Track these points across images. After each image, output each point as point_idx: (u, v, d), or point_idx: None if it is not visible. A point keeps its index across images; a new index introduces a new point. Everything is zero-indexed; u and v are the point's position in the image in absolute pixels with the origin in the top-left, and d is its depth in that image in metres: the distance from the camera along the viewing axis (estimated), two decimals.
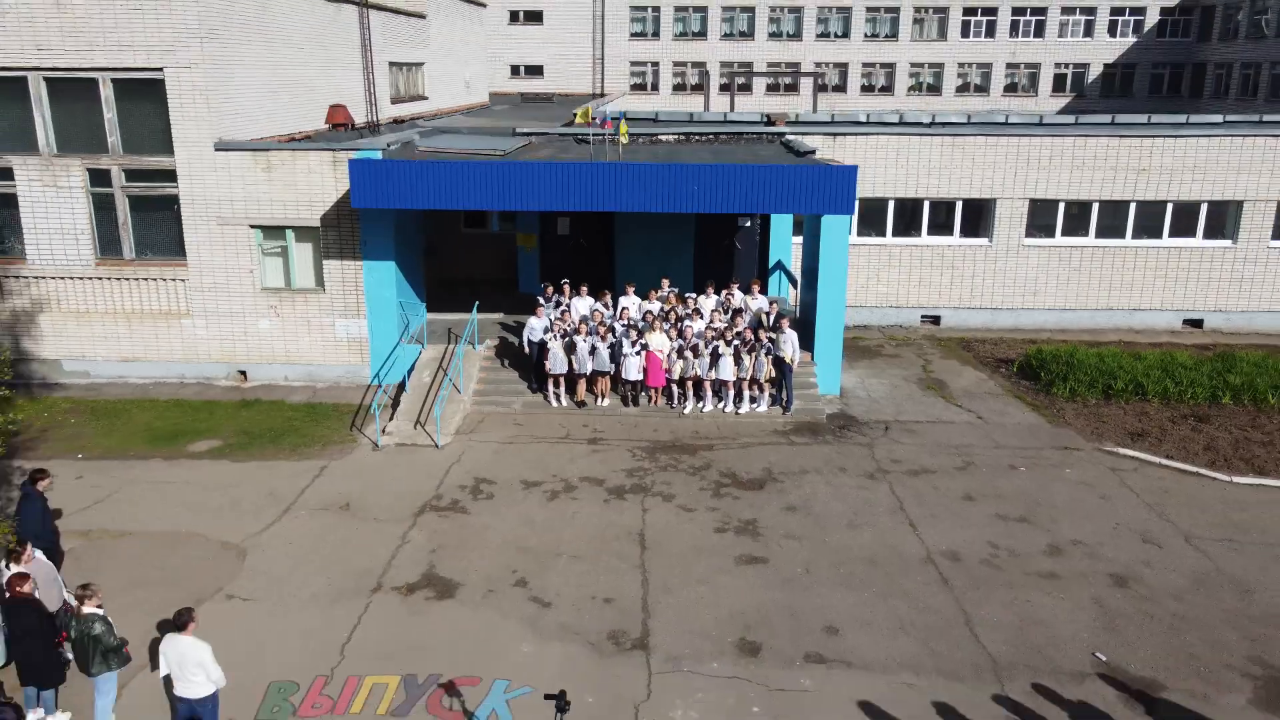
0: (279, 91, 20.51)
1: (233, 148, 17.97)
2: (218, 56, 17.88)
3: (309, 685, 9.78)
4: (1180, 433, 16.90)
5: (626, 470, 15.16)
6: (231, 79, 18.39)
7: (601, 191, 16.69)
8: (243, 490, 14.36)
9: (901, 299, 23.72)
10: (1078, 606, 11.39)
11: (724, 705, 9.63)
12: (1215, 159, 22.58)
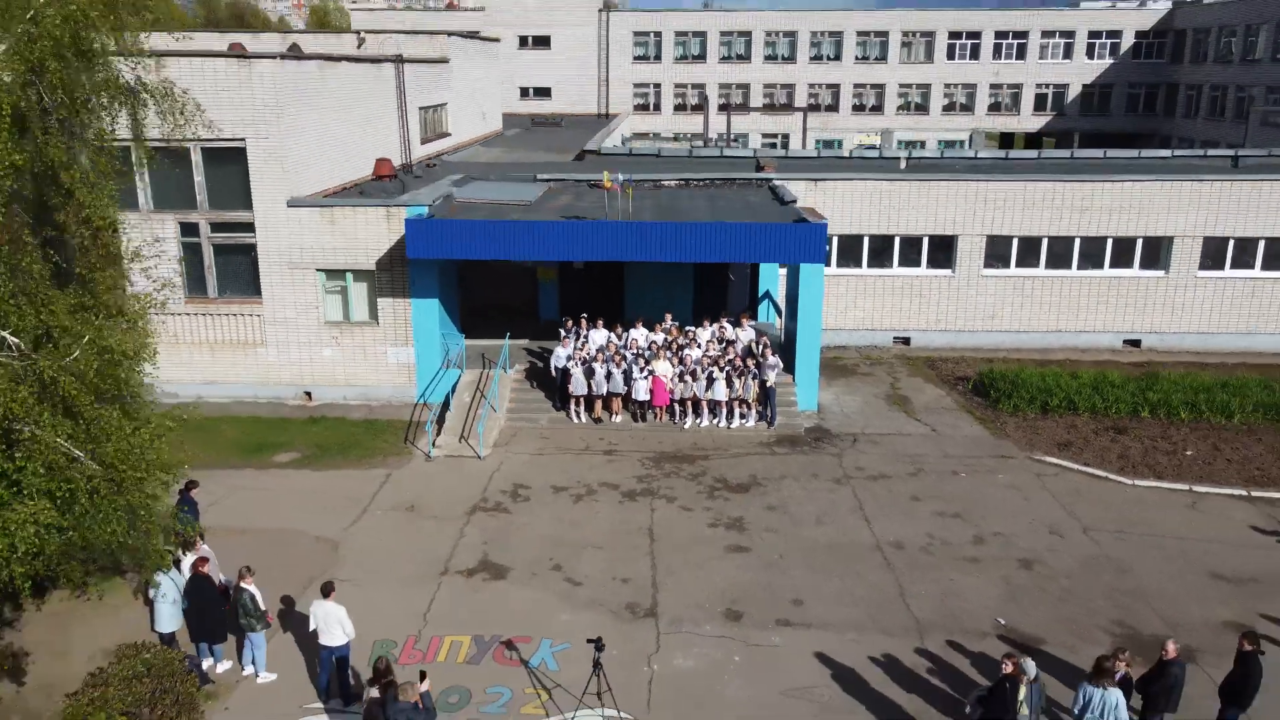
0: (333, 147, 23.81)
1: (303, 204, 21.28)
2: (288, 127, 21.17)
3: (403, 642, 13.07)
4: (1101, 443, 20.18)
5: (637, 477, 18.46)
6: (298, 143, 21.69)
7: (613, 245, 19.98)
8: (325, 494, 17.67)
9: (876, 322, 26.98)
10: (989, 583, 14.68)
11: (714, 657, 12.92)
12: (1149, 200, 25.80)
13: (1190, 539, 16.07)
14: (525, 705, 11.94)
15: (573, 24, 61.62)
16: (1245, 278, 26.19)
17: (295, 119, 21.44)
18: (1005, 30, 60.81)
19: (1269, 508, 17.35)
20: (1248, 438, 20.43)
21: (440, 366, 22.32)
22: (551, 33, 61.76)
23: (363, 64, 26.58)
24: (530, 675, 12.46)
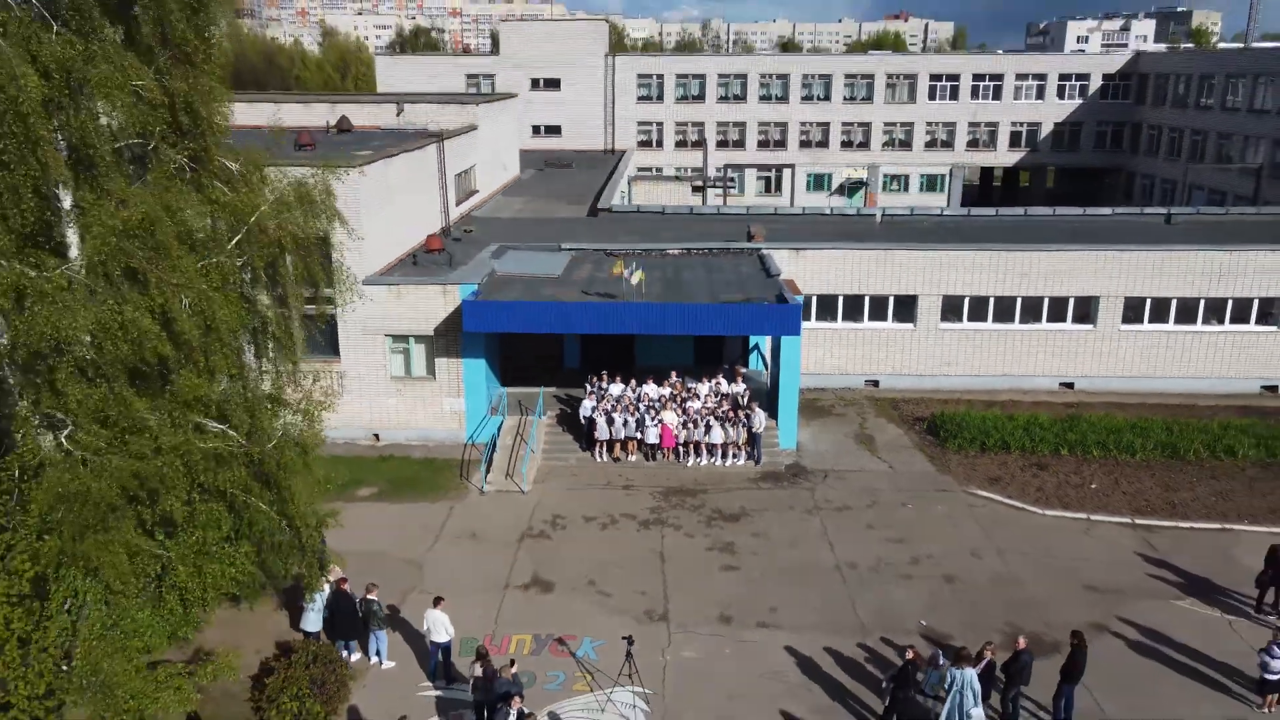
0: (395, 224, 28.56)
1: (375, 283, 26.03)
2: (366, 221, 25.91)
3: (482, 639, 17.79)
4: (1024, 478, 24.95)
5: (650, 508, 23.22)
6: (371, 229, 26.42)
7: (628, 322, 24.75)
8: (404, 524, 22.41)
9: (849, 368, 31.73)
10: (918, 594, 19.44)
11: (710, 649, 17.66)
12: (1079, 267, 30.54)
13: (1077, 559, 20.84)
14: (575, 684, 16.71)
15: (581, 67, 66.32)
16: (1161, 331, 30.94)
17: (370, 214, 26.17)
18: (982, 73, 65.65)
19: (1146, 532, 22.11)
20: (1144, 473, 25.19)
21: (486, 413, 27.10)
22: (561, 75, 66.43)
23: (414, 151, 31.31)
24: (578, 663, 17.23)
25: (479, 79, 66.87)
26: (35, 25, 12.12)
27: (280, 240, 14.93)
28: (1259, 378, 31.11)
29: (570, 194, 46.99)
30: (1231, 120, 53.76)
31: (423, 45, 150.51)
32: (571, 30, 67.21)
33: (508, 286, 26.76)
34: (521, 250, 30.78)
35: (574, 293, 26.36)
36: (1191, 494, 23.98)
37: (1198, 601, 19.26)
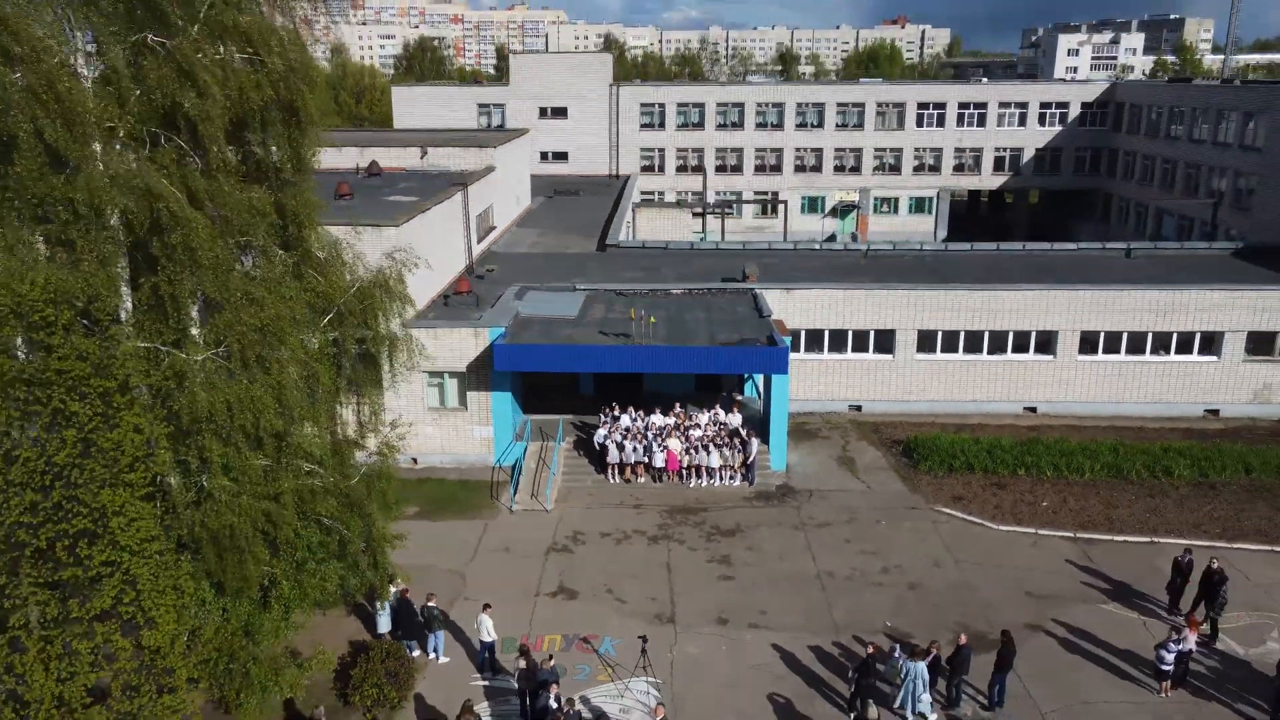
0: (429, 270, 32.10)
1: (415, 326, 29.56)
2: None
3: (520, 638, 21.36)
4: (984, 497, 28.52)
5: (657, 525, 26.81)
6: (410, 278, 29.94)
7: (638, 362, 28.37)
8: (446, 539, 25.97)
9: (835, 394, 35.30)
10: (886, 599, 23.01)
11: (710, 646, 21.23)
12: (1039, 304, 34.10)
13: (1023, 568, 24.42)
14: (599, 675, 20.29)
15: (587, 96, 69.86)
16: (1113, 361, 34.51)
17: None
18: (967, 102, 69.21)
19: (1086, 545, 25.69)
20: (1090, 491, 28.76)
21: (511, 439, 30.69)
22: (568, 104, 69.98)
23: (443, 203, 34.90)
24: (600, 658, 20.82)
25: (490, 108, 70.47)
26: (187, 160, 15.71)
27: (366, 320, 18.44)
28: (1202, 402, 34.68)
29: (579, 225, 50.53)
30: (1197, 151, 57.31)
31: (429, 60, 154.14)
32: (578, 62, 70.85)
33: (530, 328, 30.36)
34: (540, 291, 34.36)
35: (590, 333, 29.96)
36: (1129, 510, 27.56)
37: (1120, 605, 22.85)
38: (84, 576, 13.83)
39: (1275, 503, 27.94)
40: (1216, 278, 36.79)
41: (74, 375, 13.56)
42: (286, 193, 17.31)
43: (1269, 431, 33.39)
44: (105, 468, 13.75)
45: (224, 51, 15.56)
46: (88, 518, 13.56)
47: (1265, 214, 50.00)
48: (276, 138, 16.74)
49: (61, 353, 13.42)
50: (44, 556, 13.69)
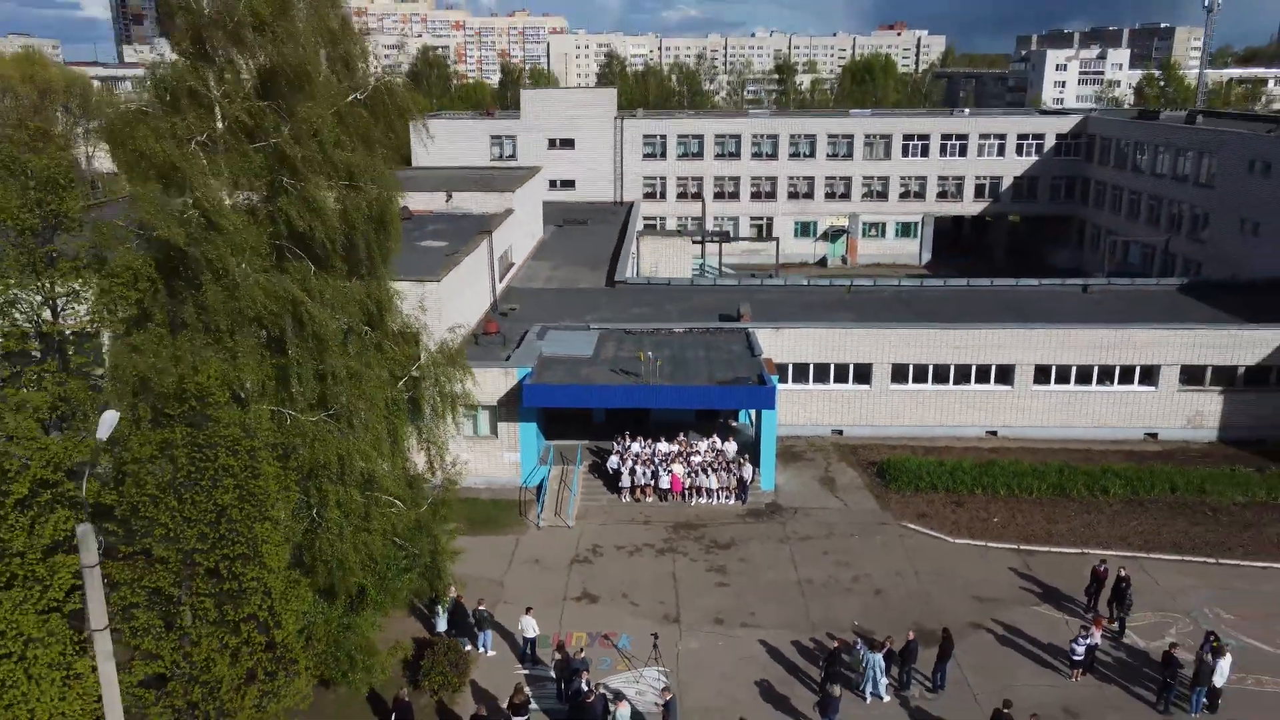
0: (460, 312, 36.74)
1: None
2: (445, 317, 34.08)
3: (552, 635, 25.96)
4: (944, 513, 33.14)
5: (663, 539, 31.45)
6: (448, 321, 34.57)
7: (645, 399, 33.05)
8: (484, 552, 30.58)
9: (819, 420, 39.91)
10: (855, 603, 27.65)
11: (708, 642, 25.87)
12: (999, 341, 38.72)
13: (971, 577, 29.05)
14: (618, 665, 24.93)
15: (593, 128, 74.60)
16: (1065, 390, 39.15)
17: (446, 310, 34.36)
18: (949, 133, 73.96)
19: (1027, 556, 30.32)
20: (1036, 508, 33.38)
21: (535, 463, 35.33)
22: (575, 135, 74.72)
23: (473, 252, 39.52)
24: (619, 652, 25.46)
25: (502, 139, 75.13)
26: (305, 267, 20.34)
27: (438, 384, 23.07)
28: (1142, 427, 39.35)
29: (589, 256, 55.13)
30: (1159, 184, 62.01)
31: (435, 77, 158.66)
32: (584, 98, 75.55)
33: (552, 368, 34.99)
34: (559, 331, 38.99)
35: (604, 372, 34.63)
36: (1067, 525, 32.21)
37: (1050, 607, 27.50)
38: (238, 589, 18.46)
39: (1193, 518, 32.60)
40: (1162, 313, 41.49)
41: (231, 438, 18.17)
42: (371, 284, 21.93)
43: (1200, 453, 38.06)
44: (255, 507, 18.36)
45: (333, 183, 20.18)
46: (245, 545, 18.16)
47: (1217, 246, 54.74)
48: (369, 243, 21.36)
49: (224, 422, 18.03)
50: (211, 574, 18.30)
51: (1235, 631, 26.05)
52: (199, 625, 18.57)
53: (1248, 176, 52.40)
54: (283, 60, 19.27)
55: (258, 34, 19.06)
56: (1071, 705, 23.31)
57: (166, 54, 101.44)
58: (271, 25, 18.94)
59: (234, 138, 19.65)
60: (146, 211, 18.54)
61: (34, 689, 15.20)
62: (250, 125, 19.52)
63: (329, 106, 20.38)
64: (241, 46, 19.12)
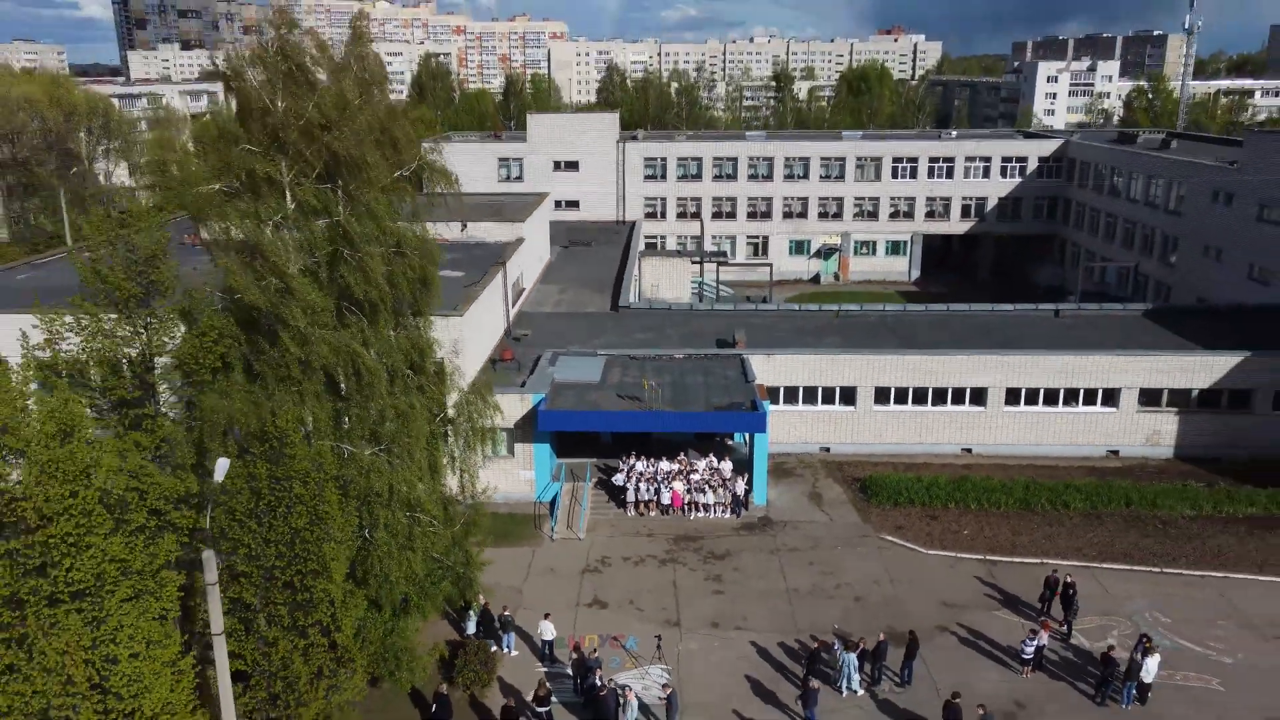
0: (480, 341, 40.18)
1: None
2: (467, 348, 37.49)
3: (568, 637, 29.41)
4: (920, 526, 36.61)
5: (665, 551, 34.91)
6: (469, 351, 38.02)
7: (646, 423, 36.51)
8: (505, 562, 33.99)
9: (808, 438, 43.37)
10: (836, 609, 31.13)
11: (705, 643, 29.33)
12: (973, 366, 42.19)
13: (940, 584, 32.51)
14: (626, 664, 28.40)
15: (597, 151, 78.00)
16: (1033, 411, 42.62)
17: (469, 341, 37.79)
18: (937, 156, 77.42)
19: (992, 566, 33.78)
20: (1002, 521, 36.85)
21: (548, 479, 38.79)
22: (580, 158, 78.13)
23: (490, 283, 42.97)
24: (626, 652, 28.92)
25: (510, 162, 78.54)
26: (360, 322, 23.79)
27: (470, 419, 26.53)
28: (1105, 445, 42.82)
29: (594, 279, 58.57)
30: (1133, 208, 65.49)
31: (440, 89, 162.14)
32: (588, 122, 78.99)
33: (564, 394, 38.46)
34: (569, 357, 42.46)
35: (610, 397, 38.10)
36: (1030, 537, 35.68)
37: (1009, 611, 30.97)
38: (309, 599, 21.91)
39: (1144, 530, 36.09)
40: (1127, 338, 44.98)
41: (303, 471, 21.62)
42: (415, 334, 25.39)
43: (1157, 469, 41.55)
44: (323, 530, 21.82)
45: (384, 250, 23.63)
46: (315, 562, 21.61)
47: (1184, 270, 58.25)
48: (414, 300, 24.80)
49: (298, 458, 21.48)
50: (287, 586, 21.76)
51: (1170, 634, 29.56)
52: (273, 630, 22.03)
53: (1212, 205, 55.86)
54: (344, 150, 22.71)
55: (324, 130, 22.50)
56: (1020, 699, 26.80)
57: (172, 60, 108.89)
58: (336, 123, 22.39)
59: (302, 215, 23.11)
60: (233, 280, 22.00)
61: (153, 682, 18.62)
62: (316, 205, 22.97)
63: (380, 185, 23.83)
64: (310, 141, 22.54)
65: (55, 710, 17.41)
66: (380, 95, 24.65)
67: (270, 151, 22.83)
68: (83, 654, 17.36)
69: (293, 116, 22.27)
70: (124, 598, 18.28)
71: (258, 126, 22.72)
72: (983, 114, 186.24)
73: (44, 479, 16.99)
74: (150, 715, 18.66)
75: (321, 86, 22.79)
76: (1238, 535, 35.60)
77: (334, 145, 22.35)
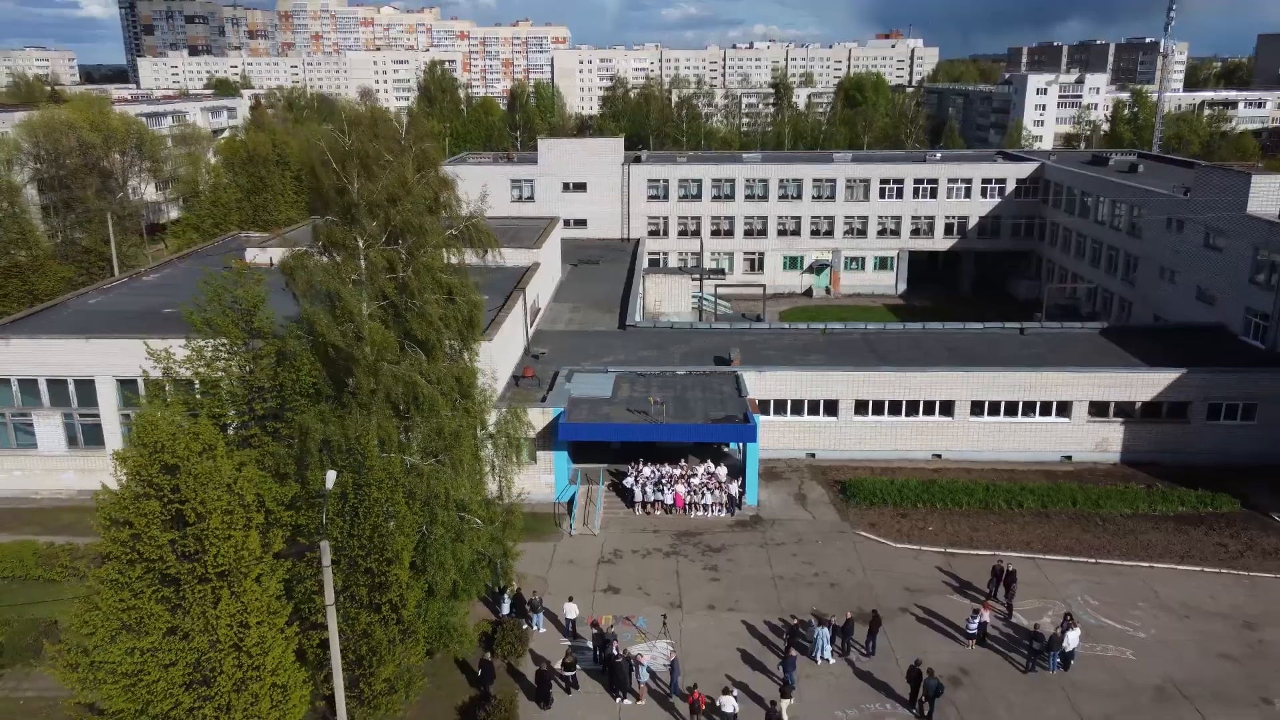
0: (505, 359, 45.54)
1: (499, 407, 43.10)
2: (499, 368, 42.85)
3: (587, 617, 34.77)
4: (891, 524, 41.98)
5: (669, 545, 40.31)
6: (500, 371, 43.37)
7: (652, 434, 41.93)
8: (533, 554, 39.28)
9: (796, 445, 48.75)
10: (814, 594, 36.50)
11: (703, 622, 34.71)
12: (942, 382, 47.54)
13: (905, 573, 37.89)
14: (637, 638, 33.81)
15: (604, 174, 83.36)
16: (996, 421, 47.97)
17: (499, 361, 43.16)
18: (921, 178, 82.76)
19: (950, 557, 39.15)
20: (963, 519, 42.23)
21: (566, 482, 44.20)
22: (588, 180, 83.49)
23: (513, 309, 48.36)
24: (637, 629, 34.33)
25: (522, 183, 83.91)
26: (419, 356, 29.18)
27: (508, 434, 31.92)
28: (1059, 451, 48.18)
29: (602, 298, 63.94)
30: (1099, 229, 70.81)
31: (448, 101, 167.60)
32: (595, 147, 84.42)
33: (580, 407, 43.85)
34: (583, 374, 47.87)
35: (621, 410, 43.51)
36: (986, 533, 41.05)
37: (961, 595, 36.34)
38: (384, 581, 27.29)
39: (1086, 526, 41.45)
40: (1082, 356, 50.33)
41: (380, 479, 26.98)
42: (462, 365, 30.79)
43: (1104, 473, 46.92)
44: (395, 526, 27.20)
45: (438, 298, 29.01)
46: (390, 552, 26.99)
47: (1143, 289, 63.63)
48: (462, 338, 30.19)
49: (376, 469, 26.86)
50: (366, 571, 27.14)
51: (1096, 614, 34.96)
52: (353, 606, 27.42)
53: (1166, 230, 61.17)
54: (404, 220, 28.13)
55: (390, 205, 27.91)
56: (965, 666, 32.20)
57: (181, 66, 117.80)
58: (399, 199, 27.79)
59: (371, 272, 28.51)
60: (318, 324, 27.41)
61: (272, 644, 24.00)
62: (383, 264, 28.38)
63: (435, 243, 29.23)
64: (376, 214, 27.94)
65: (205, 662, 22.83)
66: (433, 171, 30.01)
67: (346, 225, 28.22)
68: (227, 620, 22.76)
69: (365, 196, 27.66)
70: (253, 578, 23.69)
71: (336, 207, 28.10)
72: (975, 122, 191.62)
73: (197, 486, 22.40)
74: (271, 669, 24.06)
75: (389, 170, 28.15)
76: (1166, 531, 40.99)
77: (398, 216, 27.72)
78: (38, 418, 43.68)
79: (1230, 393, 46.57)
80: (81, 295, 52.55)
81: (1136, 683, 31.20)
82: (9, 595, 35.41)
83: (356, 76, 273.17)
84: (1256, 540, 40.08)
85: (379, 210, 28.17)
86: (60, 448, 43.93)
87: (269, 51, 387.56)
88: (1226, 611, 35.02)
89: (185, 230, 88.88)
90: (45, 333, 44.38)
